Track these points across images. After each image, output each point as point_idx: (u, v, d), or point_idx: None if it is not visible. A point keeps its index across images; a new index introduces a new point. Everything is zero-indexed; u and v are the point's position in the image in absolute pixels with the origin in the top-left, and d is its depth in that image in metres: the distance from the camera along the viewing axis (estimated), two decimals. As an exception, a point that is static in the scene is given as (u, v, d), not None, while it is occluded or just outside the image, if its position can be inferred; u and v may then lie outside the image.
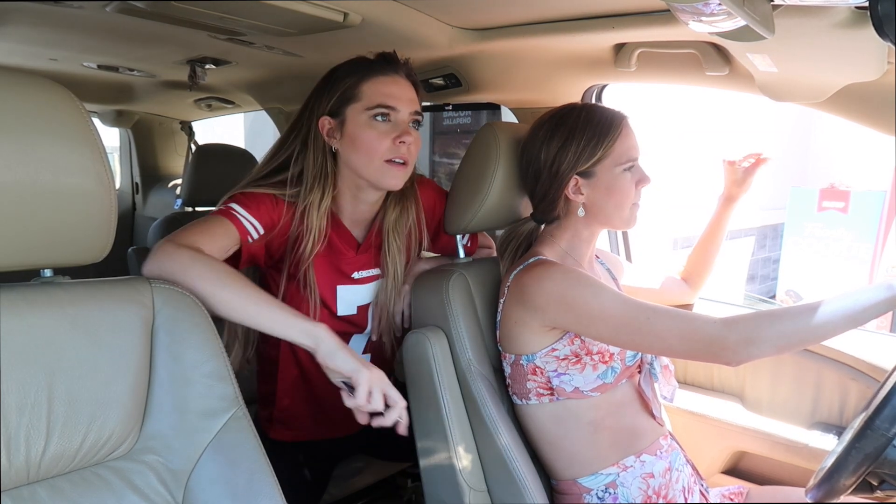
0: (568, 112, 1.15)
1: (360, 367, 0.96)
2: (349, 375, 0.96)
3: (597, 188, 1.14)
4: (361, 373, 0.96)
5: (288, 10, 1.16)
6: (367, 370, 0.97)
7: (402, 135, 1.16)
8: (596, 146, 1.11)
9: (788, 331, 0.95)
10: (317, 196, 1.19)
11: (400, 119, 1.18)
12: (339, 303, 1.30)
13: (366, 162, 1.18)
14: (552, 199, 1.17)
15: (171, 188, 3.13)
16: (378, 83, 1.18)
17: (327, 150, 1.21)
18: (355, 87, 1.18)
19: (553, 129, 1.14)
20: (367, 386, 0.96)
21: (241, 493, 0.82)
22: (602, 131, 1.12)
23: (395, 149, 1.17)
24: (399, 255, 1.31)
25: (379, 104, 1.16)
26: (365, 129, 1.17)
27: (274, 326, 0.98)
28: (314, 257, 1.22)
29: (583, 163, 1.12)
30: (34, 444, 0.72)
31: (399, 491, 1.74)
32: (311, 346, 0.97)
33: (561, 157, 1.13)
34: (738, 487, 1.30)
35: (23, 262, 0.72)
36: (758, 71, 0.98)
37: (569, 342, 1.10)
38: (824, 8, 0.75)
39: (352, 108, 1.18)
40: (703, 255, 1.46)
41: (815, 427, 1.39)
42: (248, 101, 2.47)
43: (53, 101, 0.71)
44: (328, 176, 1.20)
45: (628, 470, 1.14)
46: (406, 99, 1.19)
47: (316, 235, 1.19)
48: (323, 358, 0.97)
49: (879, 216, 4.82)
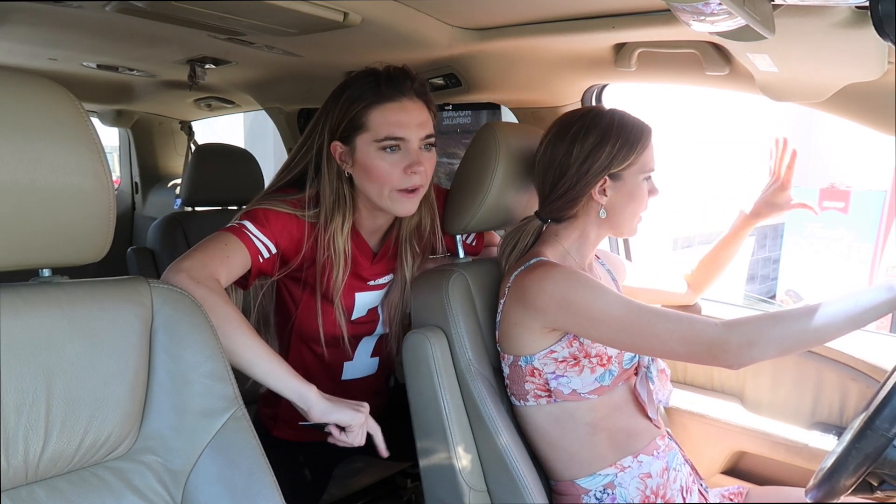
0: (600, 114, 1.15)
1: (354, 416, 1.04)
2: (347, 424, 1.04)
3: (620, 192, 1.14)
4: (356, 419, 1.04)
5: (288, 10, 1.16)
6: (361, 415, 1.05)
7: (412, 165, 1.14)
8: (629, 151, 1.12)
9: (790, 333, 0.95)
10: (339, 223, 1.19)
11: (411, 148, 1.15)
12: (355, 309, 1.31)
13: (378, 192, 1.16)
14: (574, 197, 1.15)
15: (170, 188, 3.13)
16: (386, 111, 1.13)
17: (342, 175, 1.19)
18: (363, 116, 1.14)
19: (587, 127, 1.13)
20: (362, 430, 1.06)
21: (240, 493, 0.81)
22: (635, 138, 1.12)
23: (406, 179, 1.15)
24: (414, 260, 1.32)
25: (387, 136, 1.13)
26: (375, 160, 1.14)
27: (268, 380, 1.03)
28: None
29: (616, 165, 1.12)
30: (33, 444, 0.72)
31: (399, 491, 1.74)
32: (303, 407, 1.03)
33: (595, 155, 1.12)
34: (738, 487, 1.30)
35: (21, 262, 0.72)
36: (758, 71, 0.98)
37: (567, 344, 1.10)
38: (824, 8, 0.75)
39: (361, 138, 1.15)
40: (714, 263, 1.44)
41: (815, 427, 1.39)
42: (248, 101, 2.47)
43: (52, 101, 0.71)
44: (346, 201, 1.20)
45: (626, 470, 1.14)
46: (416, 125, 1.15)
47: (343, 262, 1.21)
48: (318, 417, 1.03)
49: (879, 216, 4.82)
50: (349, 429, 1.04)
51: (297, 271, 1.23)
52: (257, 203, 1.18)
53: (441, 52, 1.45)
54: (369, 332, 1.36)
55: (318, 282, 1.23)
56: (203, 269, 1.03)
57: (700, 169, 5.02)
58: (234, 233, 1.11)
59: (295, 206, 1.18)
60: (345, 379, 1.39)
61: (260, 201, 1.18)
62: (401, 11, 1.24)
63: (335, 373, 1.37)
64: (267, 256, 1.14)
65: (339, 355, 1.34)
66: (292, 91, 2.14)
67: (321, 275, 1.22)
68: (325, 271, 1.22)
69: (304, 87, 2.04)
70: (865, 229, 4.88)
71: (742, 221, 1.39)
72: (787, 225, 5.39)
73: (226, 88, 2.31)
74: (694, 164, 4.98)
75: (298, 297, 1.28)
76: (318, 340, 1.28)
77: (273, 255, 1.15)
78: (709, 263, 1.45)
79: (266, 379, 1.02)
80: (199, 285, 0.99)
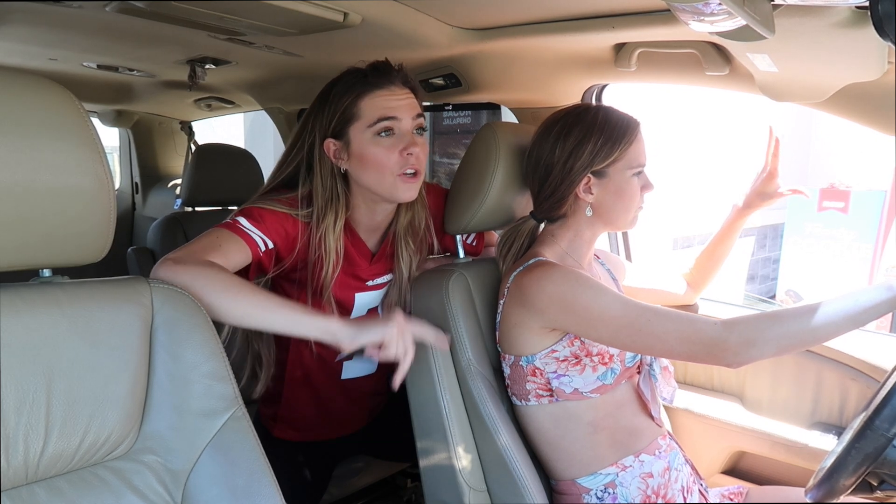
0: (584, 111, 1.15)
1: (384, 330, 1.02)
2: (381, 342, 1.02)
3: (607, 189, 1.14)
4: (390, 333, 1.02)
5: (288, 10, 1.16)
6: (391, 327, 1.02)
7: (408, 146, 1.15)
8: (612, 147, 1.11)
9: (789, 332, 0.95)
10: (331, 220, 1.19)
11: (404, 129, 1.16)
12: (354, 309, 1.31)
13: (378, 179, 1.17)
14: (560, 196, 1.15)
15: (170, 188, 3.13)
16: (375, 98, 1.16)
17: (336, 173, 1.20)
18: (353, 106, 1.16)
19: (569, 126, 1.13)
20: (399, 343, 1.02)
21: (240, 493, 0.81)
22: (619, 133, 1.12)
23: (404, 161, 1.16)
24: (412, 259, 1.32)
25: (380, 118, 1.15)
26: (371, 146, 1.16)
27: (291, 327, 1.01)
28: None
29: (598, 162, 1.12)
30: (33, 444, 0.72)
31: (399, 491, 1.75)
32: (331, 340, 1.02)
33: (576, 154, 1.12)
34: (738, 487, 1.30)
35: (21, 262, 0.72)
36: (758, 71, 0.98)
37: (568, 343, 1.10)
38: (824, 8, 0.75)
39: (354, 128, 1.16)
40: (710, 260, 1.45)
41: (814, 427, 1.39)
42: (248, 101, 2.47)
43: (52, 101, 0.71)
44: (339, 198, 1.20)
45: (627, 470, 1.14)
46: (406, 107, 1.17)
47: (334, 260, 1.20)
48: (349, 345, 1.02)
49: (879, 216, 4.82)
50: (386, 344, 1.02)
51: (291, 272, 1.23)
52: (251, 203, 1.18)
53: (441, 52, 1.45)
54: None
55: (309, 280, 1.23)
56: (191, 256, 1.02)
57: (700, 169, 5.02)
58: (226, 228, 1.11)
59: (288, 206, 1.18)
60: (344, 378, 1.39)
61: (254, 201, 1.19)
62: (401, 11, 1.24)
63: (335, 372, 1.37)
64: (265, 249, 1.14)
65: (338, 355, 1.34)
66: (292, 91, 2.14)
67: (313, 273, 1.22)
68: (315, 269, 1.22)
69: (304, 87, 2.04)
70: (865, 229, 4.88)
71: (735, 214, 1.39)
72: (787, 225, 5.39)
73: (226, 88, 2.31)
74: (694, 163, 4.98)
75: (294, 298, 1.28)
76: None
77: (269, 249, 1.15)
78: (706, 260, 1.45)
79: (288, 328, 1.01)
80: (187, 266, 0.97)
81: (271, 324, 1.01)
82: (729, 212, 1.41)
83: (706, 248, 1.45)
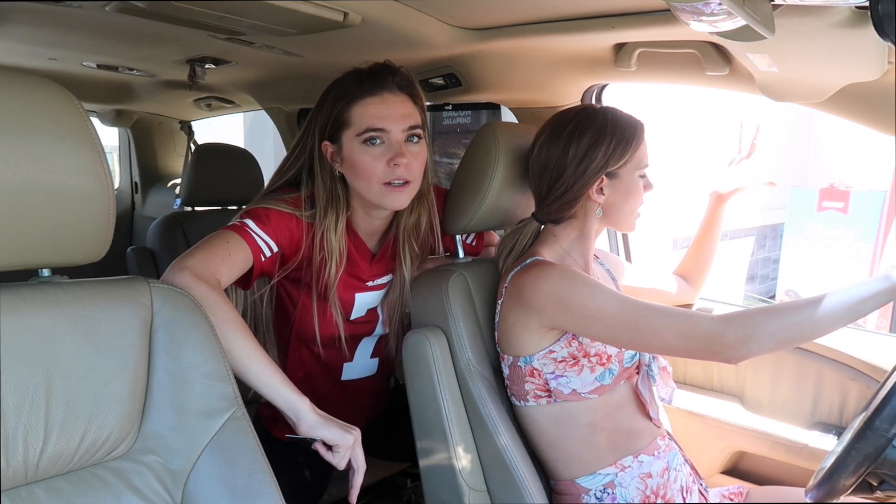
0: (593, 113, 1.15)
1: (342, 436, 1.00)
2: (335, 443, 1.00)
3: (617, 190, 1.14)
4: (345, 440, 1.00)
5: (288, 9, 1.16)
6: (350, 437, 1.01)
7: (395, 157, 1.14)
8: (625, 148, 1.12)
9: (787, 326, 0.95)
10: (332, 220, 1.19)
11: (393, 140, 1.15)
12: (354, 309, 1.31)
13: (366, 186, 1.17)
14: (572, 198, 1.15)
15: (170, 188, 3.13)
16: (366, 105, 1.15)
17: (335, 174, 1.20)
18: (345, 113, 1.16)
19: (581, 127, 1.13)
20: (348, 452, 1.01)
21: (239, 493, 0.81)
22: (629, 135, 1.12)
23: (390, 171, 1.15)
24: (413, 260, 1.32)
25: (367, 128, 1.14)
26: (359, 154, 1.15)
27: (265, 386, 1.01)
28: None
29: (612, 163, 1.12)
30: (32, 444, 0.72)
31: (399, 491, 1.74)
32: (293, 419, 1.01)
33: (591, 155, 1.12)
34: (738, 487, 1.30)
35: (21, 262, 0.72)
36: (758, 71, 0.98)
37: (566, 344, 1.10)
38: (824, 8, 0.75)
39: (345, 134, 1.17)
40: (698, 253, 1.46)
41: (814, 427, 1.39)
42: (247, 101, 2.47)
43: (52, 101, 0.71)
44: (339, 199, 1.20)
45: (626, 470, 1.14)
46: (397, 117, 1.15)
47: (338, 259, 1.21)
48: (306, 431, 1.00)
49: (879, 216, 4.82)
50: (336, 448, 1.01)
51: (295, 272, 1.23)
52: (257, 203, 1.19)
53: (441, 52, 1.45)
54: (369, 332, 1.36)
55: (314, 281, 1.23)
56: (205, 266, 1.03)
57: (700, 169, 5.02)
58: (236, 231, 1.12)
59: (294, 206, 1.19)
60: (344, 380, 1.39)
61: (259, 201, 1.19)
62: (401, 11, 1.24)
63: (335, 374, 1.37)
64: (269, 255, 1.15)
65: (338, 356, 1.34)
66: (292, 91, 2.14)
67: (317, 274, 1.22)
68: (320, 270, 1.22)
69: (304, 87, 2.04)
70: (865, 229, 4.88)
71: (715, 201, 1.41)
72: (786, 225, 5.39)
73: (226, 88, 2.31)
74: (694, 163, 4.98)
75: (297, 298, 1.28)
76: (317, 341, 1.28)
77: (274, 253, 1.16)
78: (694, 253, 1.46)
79: (259, 384, 1.00)
80: (200, 283, 0.99)
81: (246, 371, 0.99)
82: (709, 199, 1.42)
83: (694, 240, 1.47)
